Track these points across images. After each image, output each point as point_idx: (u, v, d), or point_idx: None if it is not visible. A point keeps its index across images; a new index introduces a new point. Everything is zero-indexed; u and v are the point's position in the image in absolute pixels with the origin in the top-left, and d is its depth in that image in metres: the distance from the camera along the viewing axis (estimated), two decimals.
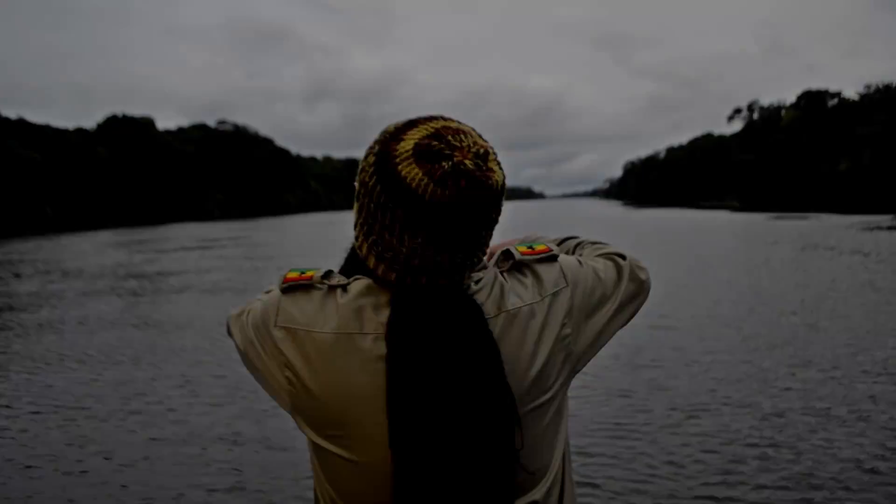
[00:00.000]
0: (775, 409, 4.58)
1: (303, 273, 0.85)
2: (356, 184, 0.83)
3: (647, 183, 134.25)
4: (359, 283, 0.82)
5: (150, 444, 4.31)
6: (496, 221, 0.83)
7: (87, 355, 7.02)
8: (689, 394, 5.02)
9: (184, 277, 14.25)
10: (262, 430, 4.49)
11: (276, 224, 50.24)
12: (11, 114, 61.76)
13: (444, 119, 0.80)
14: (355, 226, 0.84)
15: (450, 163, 0.74)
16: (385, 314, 0.79)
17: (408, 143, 0.76)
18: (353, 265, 0.86)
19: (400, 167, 0.75)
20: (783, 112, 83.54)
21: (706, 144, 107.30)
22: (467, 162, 0.75)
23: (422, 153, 0.75)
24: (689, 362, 5.95)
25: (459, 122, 0.81)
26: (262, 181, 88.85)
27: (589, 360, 0.91)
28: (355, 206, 0.83)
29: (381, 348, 0.78)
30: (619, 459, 3.85)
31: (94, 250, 24.75)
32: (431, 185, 0.74)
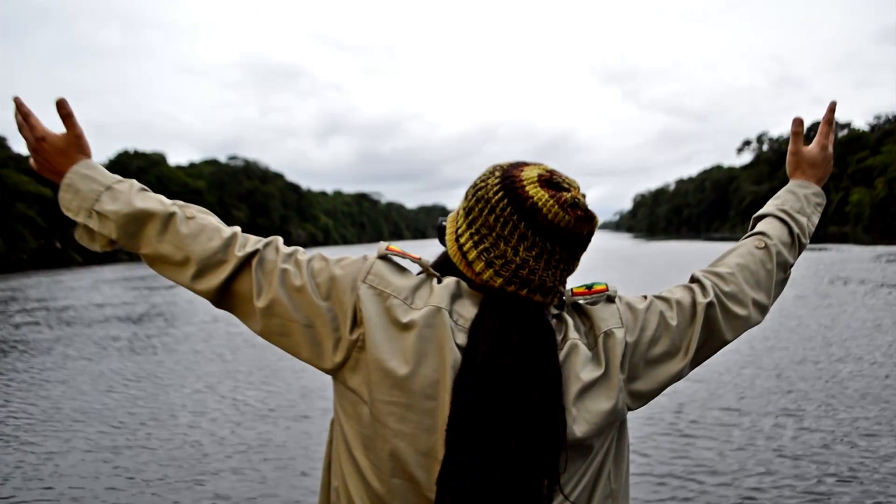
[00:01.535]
0: None
1: (405, 252, 0.92)
2: (469, 200, 0.89)
3: (657, 215, 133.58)
4: (453, 279, 0.88)
5: None
6: (579, 262, 0.90)
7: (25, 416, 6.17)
8: (744, 481, 4.04)
9: (170, 319, 13.44)
10: None
11: None
12: (24, 150, 62.38)
13: (548, 166, 0.90)
14: (460, 236, 0.89)
15: (569, 194, 0.84)
16: (473, 311, 0.86)
17: (531, 173, 0.86)
18: (442, 268, 0.92)
19: (528, 188, 0.84)
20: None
21: (716, 176, 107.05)
22: (579, 196, 0.85)
23: (546, 181, 0.86)
24: (737, 430, 4.97)
25: None
26: (271, 216, 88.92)
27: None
28: (462, 220, 0.89)
29: (462, 338, 0.83)
30: None
31: (90, 286, 24.11)
32: (556, 207, 0.83)
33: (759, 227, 1.10)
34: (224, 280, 0.90)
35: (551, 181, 0.86)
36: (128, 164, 73.85)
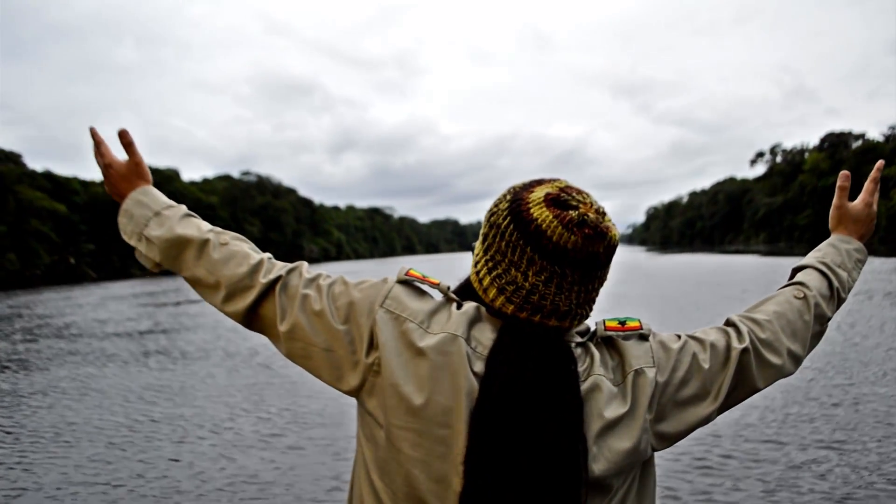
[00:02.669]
0: None
1: (425, 277, 0.91)
2: (485, 226, 0.89)
3: (671, 228, 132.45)
4: (473, 304, 0.87)
5: None
6: (605, 280, 0.87)
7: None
8: None
9: (171, 337, 13.10)
10: None
11: None
12: (38, 166, 63.22)
13: (565, 181, 0.88)
14: (477, 262, 0.89)
15: (577, 212, 0.81)
16: (491, 338, 0.84)
17: (539, 193, 0.84)
18: (463, 295, 0.91)
19: (532, 210, 0.82)
20: (807, 155, 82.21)
21: (729, 189, 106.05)
22: (591, 214, 0.82)
23: (552, 200, 0.83)
24: (775, 467, 4.43)
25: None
26: (283, 230, 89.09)
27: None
28: (480, 246, 0.89)
29: (479, 366, 0.82)
30: None
31: (98, 302, 23.92)
32: (560, 227, 0.80)
33: (799, 277, 1.07)
34: (249, 304, 0.93)
35: (558, 199, 0.83)
36: None
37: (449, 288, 0.91)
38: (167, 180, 74.66)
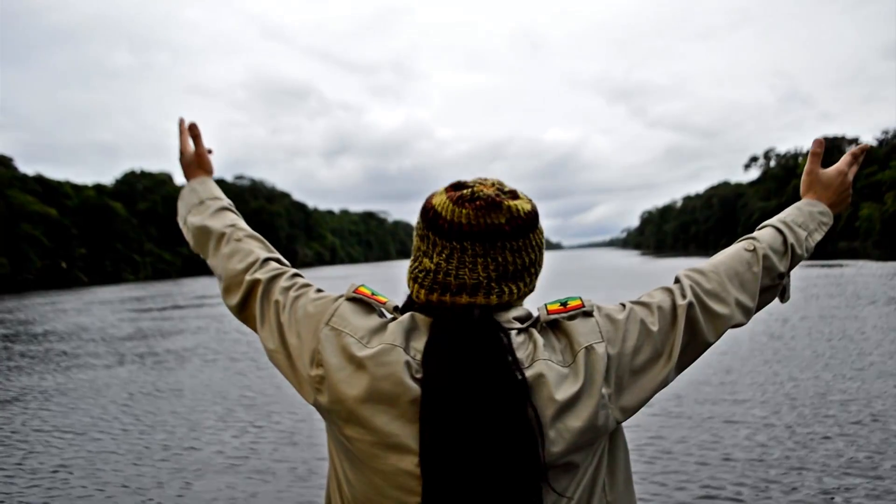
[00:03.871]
0: None
1: (374, 294, 0.92)
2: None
3: (665, 232, 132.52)
4: (409, 313, 0.89)
5: None
6: (528, 253, 0.87)
7: None
8: None
9: (150, 345, 12.77)
10: None
11: None
12: (30, 170, 62.83)
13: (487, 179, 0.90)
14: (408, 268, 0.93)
15: (470, 190, 0.85)
16: (424, 340, 0.85)
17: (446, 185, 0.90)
18: (406, 306, 0.93)
19: (433, 199, 0.88)
20: (800, 159, 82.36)
21: (723, 193, 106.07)
22: (486, 189, 0.85)
23: (452, 186, 0.88)
24: (797, 494, 4.20)
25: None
26: (277, 234, 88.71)
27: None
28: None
29: (418, 371, 0.82)
30: None
31: (82, 307, 23.53)
32: (451, 204, 0.85)
33: (754, 233, 1.09)
34: (238, 301, 0.98)
35: (458, 184, 0.87)
36: (134, 184, 74.10)
37: (396, 307, 0.91)
38: (160, 184, 74.21)
